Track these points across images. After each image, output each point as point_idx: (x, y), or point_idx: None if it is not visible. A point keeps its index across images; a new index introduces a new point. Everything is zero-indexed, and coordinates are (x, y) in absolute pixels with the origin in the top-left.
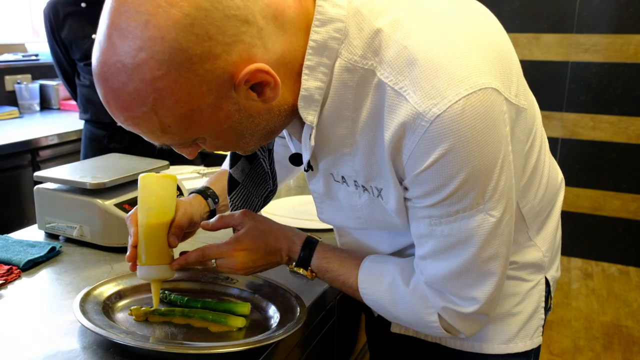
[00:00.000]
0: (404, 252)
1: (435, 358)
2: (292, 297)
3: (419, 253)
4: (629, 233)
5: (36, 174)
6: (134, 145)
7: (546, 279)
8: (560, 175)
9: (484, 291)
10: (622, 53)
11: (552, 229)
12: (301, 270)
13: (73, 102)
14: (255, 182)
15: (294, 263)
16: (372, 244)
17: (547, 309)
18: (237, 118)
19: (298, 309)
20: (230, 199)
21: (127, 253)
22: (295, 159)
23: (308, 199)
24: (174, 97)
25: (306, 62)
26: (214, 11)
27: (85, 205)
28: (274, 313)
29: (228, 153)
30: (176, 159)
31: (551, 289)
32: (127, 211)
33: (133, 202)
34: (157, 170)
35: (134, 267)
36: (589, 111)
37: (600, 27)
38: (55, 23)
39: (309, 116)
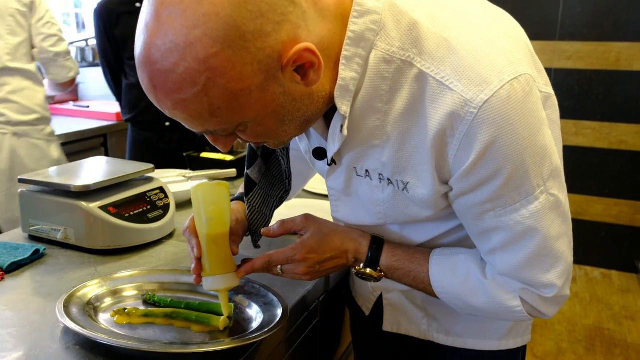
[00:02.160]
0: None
1: (428, 356)
2: (274, 297)
3: (485, 248)
4: (612, 237)
5: (20, 176)
6: (183, 145)
7: None
8: None
9: (557, 273)
10: (604, 60)
11: None
12: (368, 271)
13: (59, 107)
14: (270, 182)
15: (362, 264)
16: None
17: None
18: (281, 101)
19: (280, 309)
20: (248, 201)
21: (193, 266)
22: (319, 153)
23: (293, 202)
24: (227, 77)
25: (344, 53)
26: None
27: (70, 208)
28: (256, 313)
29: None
30: (162, 163)
31: None
32: (111, 214)
33: (118, 205)
34: (142, 173)
35: (198, 280)
36: (572, 117)
37: (583, 34)
38: (109, 21)
39: (343, 106)
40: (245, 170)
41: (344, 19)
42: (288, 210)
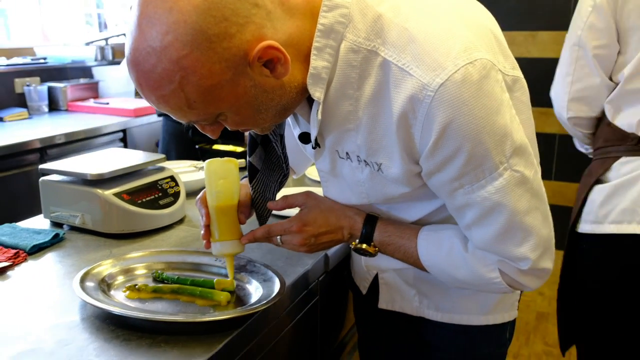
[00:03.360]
0: None
1: (420, 331)
2: (273, 274)
3: (462, 224)
4: None
5: (41, 166)
6: (220, 137)
7: None
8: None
9: (530, 246)
10: None
11: None
12: (364, 246)
13: (81, 104)
14: (270, 168)
15: (357, 240)
16: None
17: None
18: (253, 93)
19: (277, 285)
20: (252, 186)
21: (202, 232)
22: (304, 138)
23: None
24: (198, 74)
25: (315, 44)
26: None
27: (87, 195)
28: (256, 289)
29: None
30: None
31: None
32: (125, 200)
33: (131, 192)
34: (154, 163)
35: (208, 245)
36: None
37: None
38: None
39: (317, 92)
40: (247, 158)
41: (313, 15)
42: None
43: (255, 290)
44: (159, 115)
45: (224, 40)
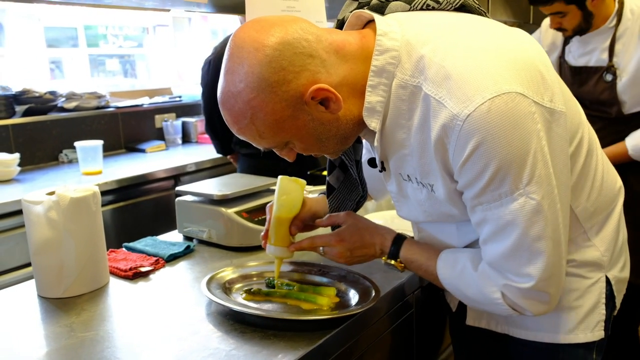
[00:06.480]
0: (474, 247)
1: (506, 348)
2: (370, 285)
3: (480, 238)
4: None
5: (177, 188)
6: (303, 165)
7: (607, 277)
8: (618, 183)
9: (536, 268)
10: None
11: (611, 230)
12: (392, 262)
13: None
14: (348, 188)
15: (386, 256)
16: (445, 238)
17: (611, 307)
18: (312, 125)
19: (373, 294)
20: (328, 202)
21: (262, 233)
22: (372, 162)
23: (390, 214)
24: (264, 112)
25: (369, 82)
26: (285, 51)
27: (213, 213)
28: (353, 296)
29: None
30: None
31: (614, 287)
32: (244, 218)
33: (249, 211)
34: (268, 186)
35: (264, 245)
36: None
37: None
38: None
39: (372, 123)
40: (326, 177)
41: (366, 58)
42: (384, 221)
43: (353, 297)
44: (245, 154)
45: (283, 85)
